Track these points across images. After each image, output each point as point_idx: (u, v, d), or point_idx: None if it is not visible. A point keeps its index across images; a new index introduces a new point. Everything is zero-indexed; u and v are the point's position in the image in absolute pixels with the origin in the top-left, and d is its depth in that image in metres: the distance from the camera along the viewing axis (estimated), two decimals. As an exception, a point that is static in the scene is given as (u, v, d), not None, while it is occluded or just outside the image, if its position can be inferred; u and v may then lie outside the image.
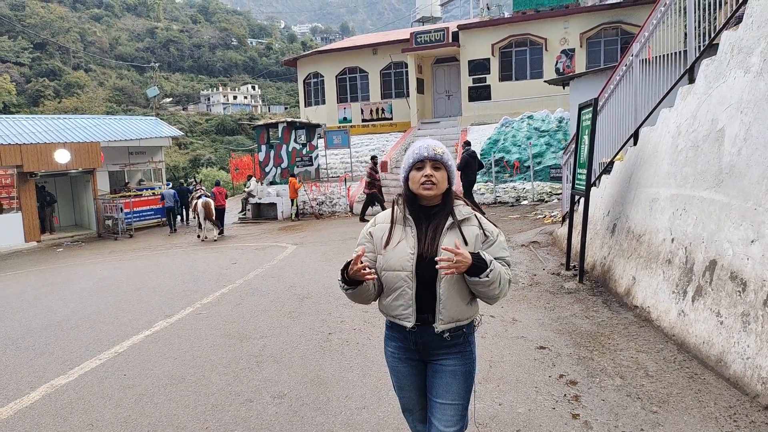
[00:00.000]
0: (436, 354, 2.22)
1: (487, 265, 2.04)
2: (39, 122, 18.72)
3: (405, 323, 2.18)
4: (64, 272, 11.02)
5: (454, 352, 2.21)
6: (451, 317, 2.15)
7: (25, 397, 4.26)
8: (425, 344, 2.21)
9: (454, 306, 2.14)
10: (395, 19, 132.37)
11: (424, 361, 2.28)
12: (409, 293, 2.15)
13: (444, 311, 2.13)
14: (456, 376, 2.20)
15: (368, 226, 2.32)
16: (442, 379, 2.21)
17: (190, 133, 61.76)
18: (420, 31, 23.57)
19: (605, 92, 7.28)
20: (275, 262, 9.66)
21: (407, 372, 2.31)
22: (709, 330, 3.90)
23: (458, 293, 2.14)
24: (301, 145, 19.92)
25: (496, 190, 16.28)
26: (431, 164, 2.16)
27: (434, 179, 2.14)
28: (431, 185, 2.14)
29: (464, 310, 2.17)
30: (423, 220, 2.19)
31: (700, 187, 4.44)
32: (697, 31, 5.30)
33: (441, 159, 2.16)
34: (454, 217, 2.16)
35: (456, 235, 2.13)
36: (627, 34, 19.42)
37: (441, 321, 2.14)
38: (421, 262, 2.13)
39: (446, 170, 2.18)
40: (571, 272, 6.80)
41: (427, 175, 2.14)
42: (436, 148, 2.17)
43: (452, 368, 2.21)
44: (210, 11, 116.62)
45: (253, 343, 5.18)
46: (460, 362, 2.21)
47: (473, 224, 2.18)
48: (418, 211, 2.21)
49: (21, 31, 72.96)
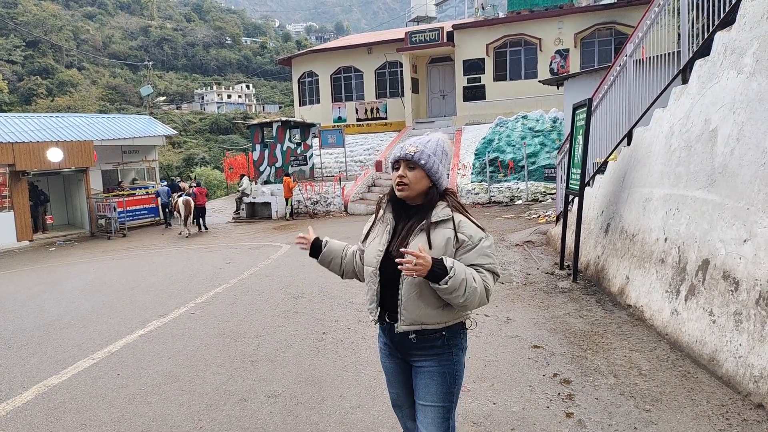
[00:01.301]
0: (413, 354, 2.20)
1: (446, 272, 1.94)
2: (31, 121, 18.59)
3: (371, 316, 2.24)
4: (56, 272, 10.96)
5: (431, 354, 2.16)
6: (413, 320, 2.10)
7: (17, 397, 4.24)
8: (399, 343, 2.21)
9: (415, 309, 2.09)
10: (390, 18, 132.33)
11: (407, 361, 2.27)
12: (374, 289, 2.18)
13: (405, 312, 2.10)
14: (433, 377, 2.16)
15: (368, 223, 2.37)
16: (421, 380, 2.19)
17: (184, 132, 61.53)
18: (415, 30, 23.59)
19: (599, 92, 7.30)
20: (269, 261, 9.64)
21: (392, 368, 2.33)
22: (702, 329, 3.92)
23: (420, 296, 2.08)
24: (296, 144, 19.89)
25: (490, 190, 16.32)
26: (404, 164, 2.13)
27: (406, 180, 2.11)
28: (403, 186, 2.12)
29: (431, 314, 2.10)
30: (403, 219, 2.19)
31: (693, 186, 4.47)
32: (691, 32, 5.33)
33: (413, 158, 2.10)
34: (428, 219, 2.11)
35: (424, 238, 2.07)
36: (621, 35, 19.51)
37: (402, 322, 2.12)
38: (386, 260, 2.12)
39: (422, 169, 2.11)
40: (565, 271, 6.82)
41: (399, 175, 2.12)
42: (408, 147, 2.13)
43: (429, 369, 2.17)
44: (204, 9, 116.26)
45: (247, 343, 5.16)
46: (436, 364, 2.16)
47: (448, 227, 2.09)
48: (401, 210, 2.21)
49: (13, 29, 72.42)
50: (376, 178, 18.98)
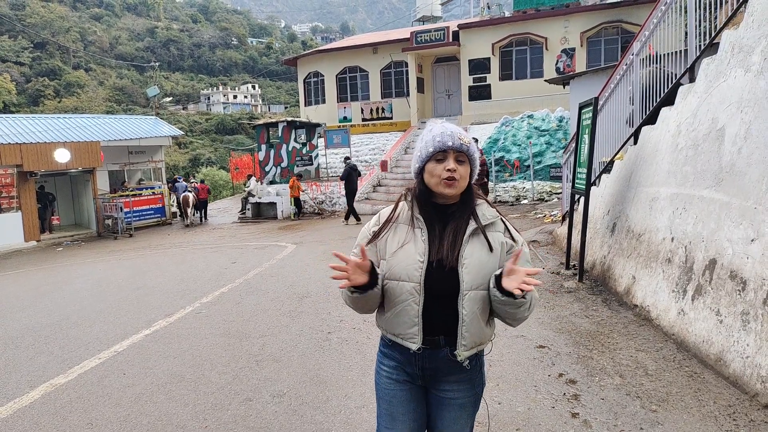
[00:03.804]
0: (445, 381, 1.87)
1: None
2: (39, 122, 18.71)
3: (409, 344, 1.81)
4: (63, 272, 11.02)
5: (465, 379, 1.87)
6: (474, 341, 1.80)
7: (24, 396, 4.26)
8: (434, 370, 1.85)
9: (477, 327, 1.78)
10: (395, 18, 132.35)
11: (426, 387, 1.93)
12: (414, 309, 1.78)
13: (467, 335, 1.77)
14: (465, 408, 1.90)
15: (371, 223, 1.94)
16: (450, 412, 1.89)
17: (190, 132, 61.78)
18: (420, 30, 23.57)
19: (605, 91, 7.27)
20: (275, 261, 9.66)
21: (403, 397, 1.90)
22: (709, 329, 3.90)
23: (482, 312, 1.79)
24: (301, 144, 19.92)
25: (496, 189, 16.28)
26: (454, 156, 1.77)
27: (457, 174, 1.76)
28: (454, 182, 1.76)
29: (486, 333, 1.84)
30: (436, 221, 1.82)
31: (700, 186, 4.44)
32: (698, 30, 5.30)
33: (467, 151, 1.79)
34: (478, 221, 1.80)
35: (481, 242, 1.78)
36: (627, 33, 19.41)
37: (464, 347, 1.78)
38: (431, 272, 1.76)
39: (470, 164, 1.81)
40: (570, 271, 6.80)
41: (450, 169, 1.75)
42: (462, 137, 1.78)
43: (462, 400, 1.88)
44: (210, 10, 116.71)
45: (252, 342, 5.17)
46: (471, 392, 1.89)
47: (498, 230, 1.84)
48: (431, 211, 1.83)
49: (21, 31, 73.00)
50: (382, 178, 18.98)
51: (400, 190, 2.00)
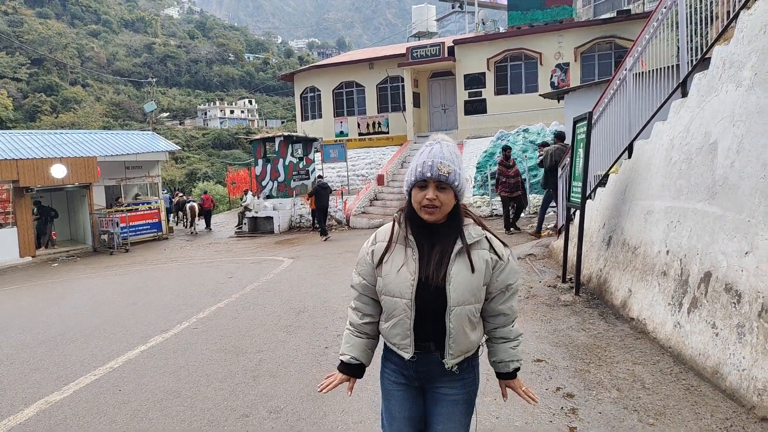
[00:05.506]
0: (439, 381, 2.04)
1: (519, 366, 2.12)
2: (36, 137, 18.76)
3: (403, 354, 2.00)
4: (59, 287, 10.97)
5: (457, 379, 2.03)
6: (460, 350, 1.97)
7: (18, 414, 4.22)
8: (427, 372, 2.03)
9: (463, 339, 1.94)
10: (391, 34, 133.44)
11: (423, 388, 2.10)
12: (407, 323, 1.94)
13: (454, 345, 1.94)
14: (458, 405, 2.04)
15: (368, 244, 2.08)
16: (444, 408, 2.05)
17: (187, 147, 61.83)
18: (416, 45, 23.78)
19: (600, 105, 7.34)
20: (271, 276, 9.64)
21: (401, 397, 2.10)
22: (705, 342, 3.90)
23: (468, 324, 1.94)
24: (298, 158, 19.97)
25: (492, 203, 16.31)
26: (434, 185, 1.87)
27: (437, 202, 1.86)
28: (433, 209, 1.87)
29: (474, 342, 2.00)
30: (425, 240, 1.94)
31: (694, 199, 4.47)
32: (689, 46, 5.37)
33: (447, 180, 1.86)
34: (464, 241, 1.91)
35: (464, 262, 1.90)
36: (620, 49, 19.63)
37: (450, 356, 1.95)
38: (421, 289, 1.90)
39: (453, 190, 1.89)
40: (567, 285, 6.81)
41: (429, 198, 1.86)
42: (441, 167, 1.85)
43: (454, 397, 2.04)
44: (207, 27, 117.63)
45: (249, 358, 5.15)
46: (463, 390, 2.05)
47: (484, 247, 1.95)
48: (421, 229, 1.95)
49: (19, 47, 73.25)
50: (378, 192, 19.02)
51: (396, 204, 2.11)
